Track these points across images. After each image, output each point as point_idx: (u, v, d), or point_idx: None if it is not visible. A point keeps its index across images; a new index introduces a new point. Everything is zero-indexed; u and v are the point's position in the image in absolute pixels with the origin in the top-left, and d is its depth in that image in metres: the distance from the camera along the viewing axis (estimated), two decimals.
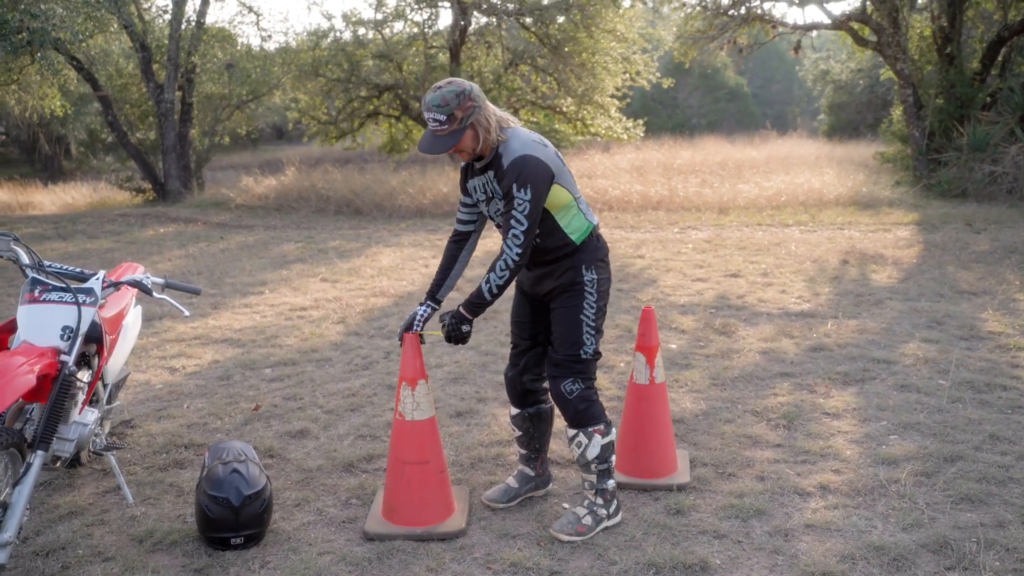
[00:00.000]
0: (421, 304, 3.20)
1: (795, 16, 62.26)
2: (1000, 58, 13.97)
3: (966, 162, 12.79)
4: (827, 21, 14.92)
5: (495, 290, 2.93)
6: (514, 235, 2.87)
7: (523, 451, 3.39)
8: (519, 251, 2.88)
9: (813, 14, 44.42)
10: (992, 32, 13.80)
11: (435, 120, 2.85)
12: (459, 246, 3.27)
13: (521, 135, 2.94)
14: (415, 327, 3.13)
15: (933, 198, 12.46)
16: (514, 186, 2.85)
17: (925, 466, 3.55)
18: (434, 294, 3.23)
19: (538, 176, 2.86)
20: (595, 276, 3.03)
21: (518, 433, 3.36)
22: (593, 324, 3.03)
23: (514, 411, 3.34)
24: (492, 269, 2.93)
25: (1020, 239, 9.00)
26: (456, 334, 3.02)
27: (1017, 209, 11.18)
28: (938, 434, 3.89)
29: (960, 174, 12.75)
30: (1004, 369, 4.79)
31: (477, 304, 2.97)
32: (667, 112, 34.71)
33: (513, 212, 2.87)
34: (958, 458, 3.62)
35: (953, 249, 8.62)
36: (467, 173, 3.09)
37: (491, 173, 2.96)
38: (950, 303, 6.37)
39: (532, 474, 3.39)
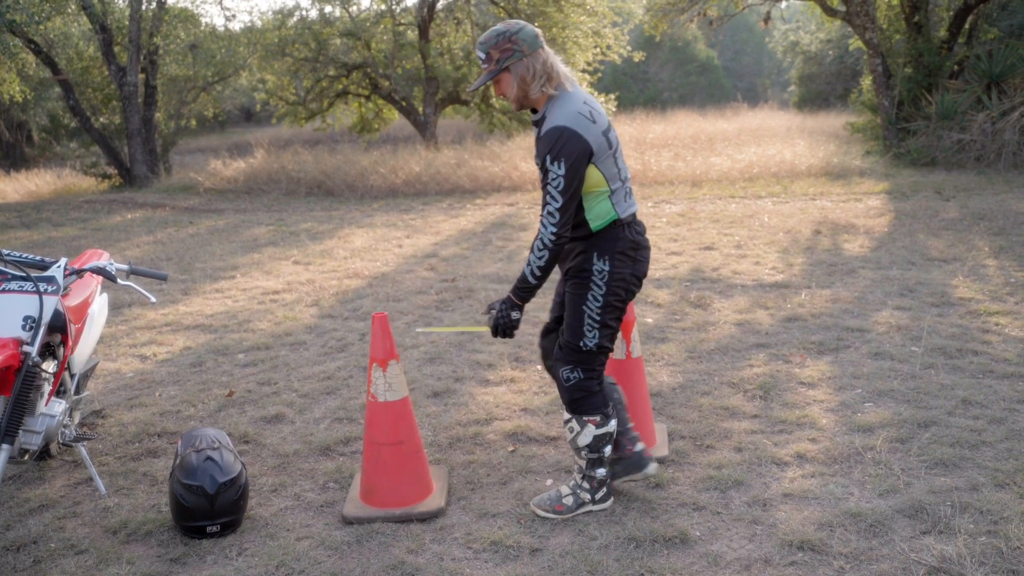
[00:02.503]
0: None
1: None
2: (967, 26, 14.07)
3: (935, 130, 12.90)
4: None
5: (537, 272, 2.80)
6: (549, 212, 2.73)
7: None
8: (554, 230, 2.72)
9: None
10: (959, 0, 13.88)
11: (480, 59, 2.83)
12: None
13: (570, 103, 2.78)
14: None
15: (903, 167, 12.57)
16: (548, 158, 2.71)
17: (900, 432, 3.58)
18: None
19: (573, 151, 2.70)
20: (607, 268, 2.86)
21: None
22: (597, 317, 2.88)
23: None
24: (531, 250, 2.80)
25: (988, 206, 9.11)
26: (505, 321, 2.90)
27: (985, 176, 11.31)
28: (912, 400, 3.93)
29: (929, 143, 12.86)
30: (975, 335, 4.85)
31: (523, 288, 2.85)
32: (638, 86, 34.65)
33: (548, 187, 2.73)
34: (932, 423, 3.66)
35: (923, 217, 8.70)
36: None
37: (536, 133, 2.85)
38: (921, 271, 6.44)
39: (613, 456, 3.14)
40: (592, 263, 2.87)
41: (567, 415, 3.03)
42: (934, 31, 14.35)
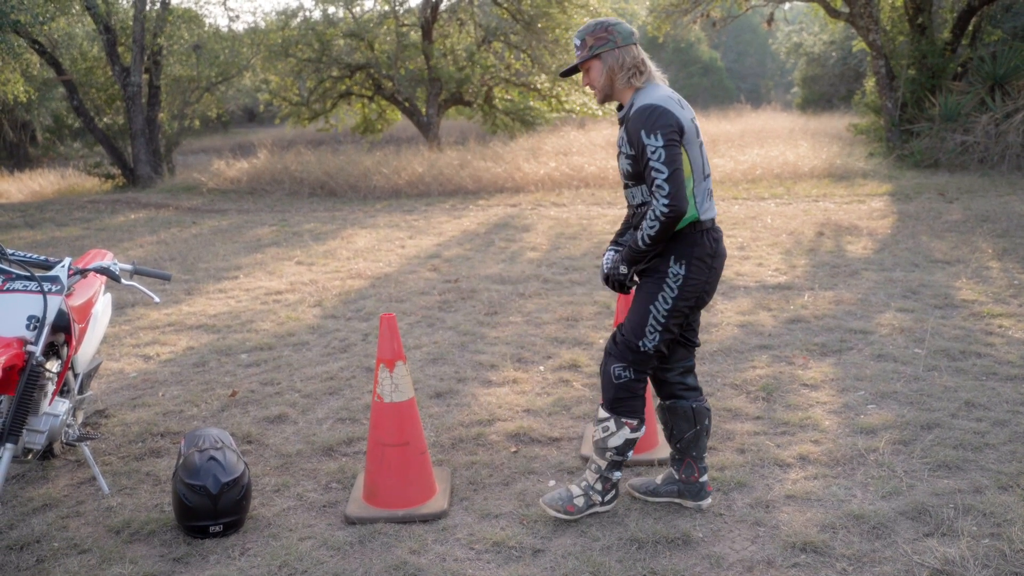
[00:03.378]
0: (608, 249, 3.10)
1: None
2: (970, 28, 14.05)
3: (938, 132, 12.88)
4: None
5: (647, 239, 2.76)
6: (658, 186, 2.69)
7: (670, 447, 3.17)
8: (666, 201, 2.67)
9: None
10: (962, 2, 13.86)
11: (575, 46, 2.89)
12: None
13: (659, 91, 2.83)
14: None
15: (906, 168, 12.55)
16: (643, 133, 2.72)
17: (902, 434, 3.58)
18: (617, 240, 3.12)
19: (668, 124, 2.71)
20: (683, 272, 2.82)
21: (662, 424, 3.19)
22: (663, 320, 2.85)
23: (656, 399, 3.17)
24: (645, 218, 2.76)
25: (992, 208, 9.10)
26: (615, 275, 2.94)
27: (988, 178, 11.29)
28: (915, 402, 3.93)
29: (932, 144, 12.84)
30: (978, 336, 4.84)
31: (634, 251, 2.84)
32: None
33: (650, 163, 2.71)
34: (935, 425, 3.65)
35: (926, 219, 8.69)
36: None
37: (623, 127, 2.87)
38: (924, 272, 6.43)
39: (676, 477, 3.10)
40: (668, 264, 2.84)
41: (604, 413, 2.97)
42: (938, 33, 14.33)
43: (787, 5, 17.01)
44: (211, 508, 2.96)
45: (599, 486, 3.03)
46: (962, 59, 13.87)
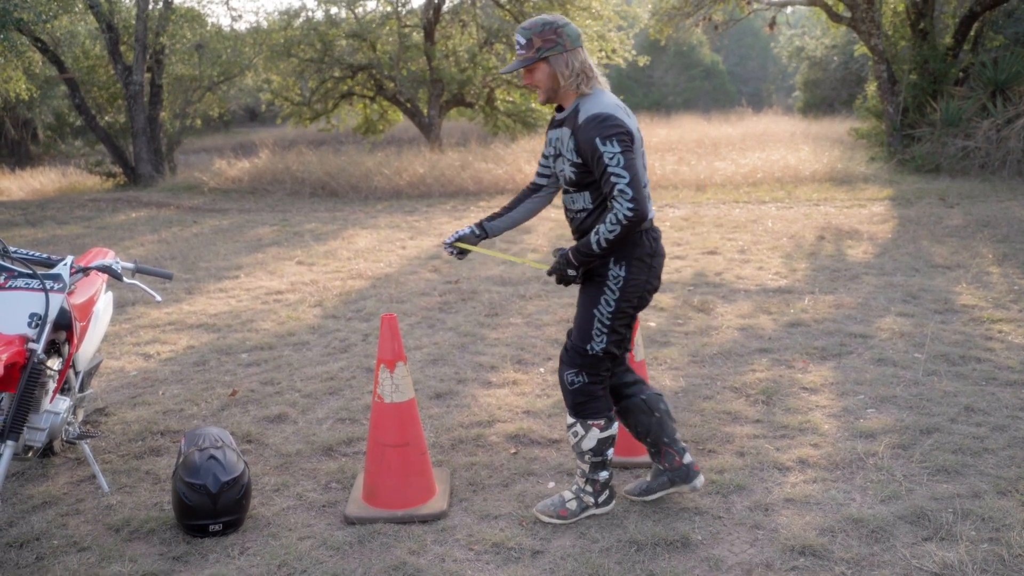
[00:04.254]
0: (470, 226, 3.14)
1: None
2: (972, 33, 14.06)
3: (939, 137, 12.89)
4: None
5: (603, 243, 2.74)
6: (620, 191, 2.69)
7: (643, 444, 3.20)
8: (630, 206, 2.68)
9: None
10: (964, 7, 13.88)
11: (518, 43, 2.85)
12: (527, 195, 3.18)
13: (606, 98, 2.83)
14: (449, 238, 3.08)
15: (907, 173, 12.56)
16: (598, 140, 2.72)
17: (902, 438, 3.58)
18: (485, 221, 3.14)
19: (622, 131, 2.73)
20: (623, 273, 2.84)
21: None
22: (607, 323, 2.87)
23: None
24: (603, 221, 2.75)
25: (992, 213, 9.11)
26: (561, 273, 2.91)
27: (989, 183, 11.30)
28: (914, 407, 3.93)
29: (933, 149, 12.85)
30: (978, 342, 4.85)
31: (584, 254, 2.81)
32: (643, 90, 34.65)
33: (608, 170, 2.71)
34: (934, 430, 3.65)
35: (927, 224, 8.70)
36: (551, 123, 3.01)
37: (566, 130, 2.85)
38: (925, 277, 6.43)
39: (662, 468, 3.12)
40: (609, 268, 2.86)
41: (570, 419, 3.01)
42: (939, 38, 14.35)
43: (789, 9, 17.04)
44: (211, 507, 2.96)
45: (589, 488, 3.05)
46: (964, 64, 13.88)
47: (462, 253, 3.17)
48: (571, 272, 2.89)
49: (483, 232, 3.15)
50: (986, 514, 2.93)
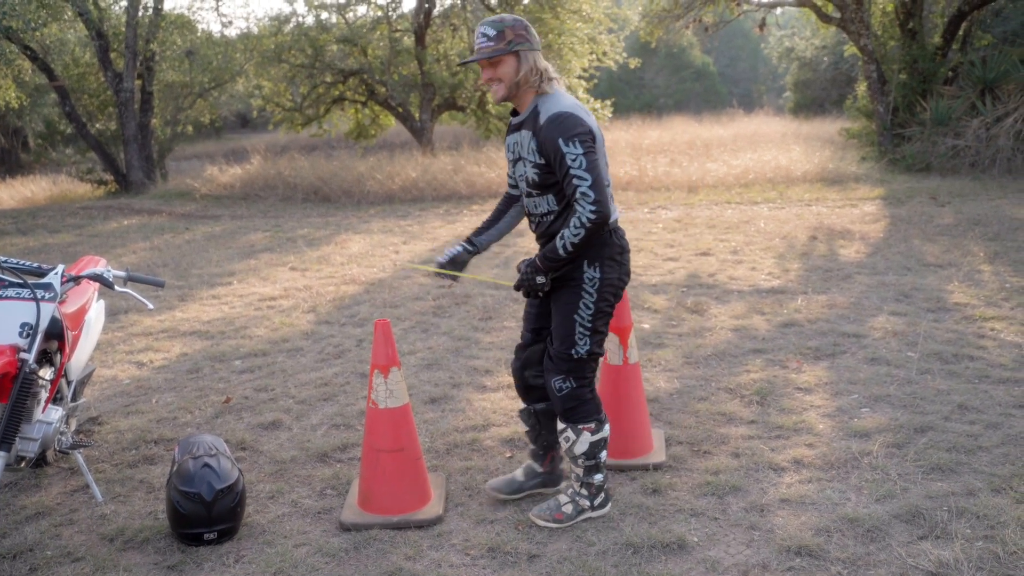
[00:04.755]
0: (460, 243, 3.14)
1: None
2: (961, 32, 14.14)
3: (929, 136, 12.95)
4: None
5: (569, 247, 2.74)
6: (583, 194, 2.69)
7: (531, 446, 3.26)
8: (593, 208, 2.68)
9: None
10: (953, 7, 13.95)
11: (483, 35, 2.81)
12: (508, 204, 3.19)
13: (566, 98, 2.84)
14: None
15: (898, 173, 12.61)
16: (560, 141, 2.71)
17: (896, 437, 3.59)
18: (473, 236, 3.15)
19: (584, 132, 2.73)
20: (598, 275, 2.85)
21: (526, 428, 3.24)
22: (589, 325, 2.88)
23: (521, 405, 3.24)
24: (567, 226, 2.75)
25: (983, 211, 9.15)
26: (529, 283, 2.89)
27: (980, 182, 11.36)
28: (908, 405, 3.94)
29: (924, 148, 12.91)
30: (971, 340, 4.86)
31: (550, 259, 2.81)
32: (634, 92, 34.72)
33: (571, 171, 2.71)
34: (928, 428, 3.67)
35: (919, 223, 8.73)
36: (508, 128, 3.00)
37: (526, 132, 2.85)
38: (917, 276, 6.46)
39: (540, 470, 3.23)
40: (582, 271, 2.86)
41: (561, 424, 3.01)
42: (928, 37, 14.42)
43: (779, 10, 17.10)
44: (205, 515, 2.94)
45: (584, 491, 3.05)
46: (953, 64, 13.95)
47: (452, 279, 3.19)
48: (540, 280, 2.88)
49: (474, 247, 3.17)
50: (981, 512, 2.93)
